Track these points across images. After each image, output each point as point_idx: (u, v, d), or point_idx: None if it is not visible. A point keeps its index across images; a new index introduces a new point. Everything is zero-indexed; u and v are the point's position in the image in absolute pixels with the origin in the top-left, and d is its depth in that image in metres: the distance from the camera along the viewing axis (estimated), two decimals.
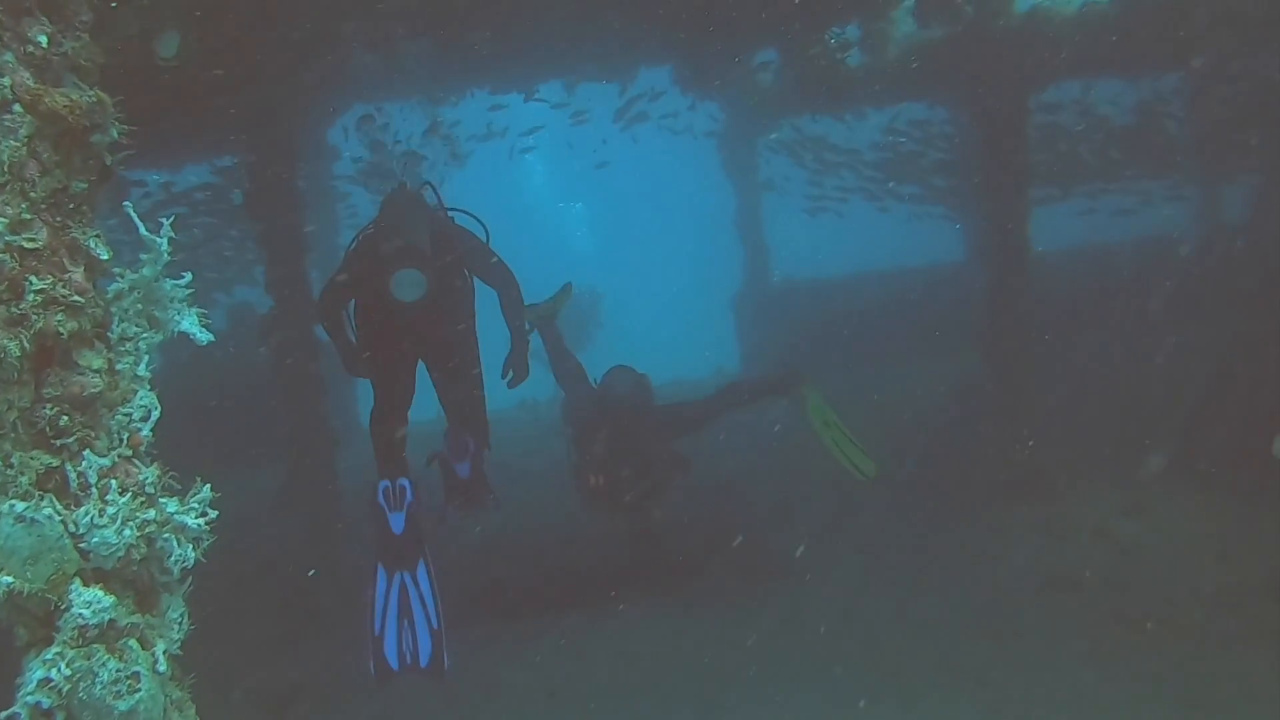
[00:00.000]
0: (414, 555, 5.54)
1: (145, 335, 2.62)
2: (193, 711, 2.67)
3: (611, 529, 7.84)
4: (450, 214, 5.95)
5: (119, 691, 2.35)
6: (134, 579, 2.51)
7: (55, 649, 2.34)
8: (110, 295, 2.56)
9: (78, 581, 2.38)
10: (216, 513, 2.62)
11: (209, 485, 2.63)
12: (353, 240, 5.87)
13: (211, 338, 2.70)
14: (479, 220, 5.95)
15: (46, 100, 2.33)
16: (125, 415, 2.53)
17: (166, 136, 6.98)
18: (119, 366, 2.56)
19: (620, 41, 8.28)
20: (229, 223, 12.21)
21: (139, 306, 2.60)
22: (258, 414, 8.18)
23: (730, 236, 14.16)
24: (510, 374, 5.84)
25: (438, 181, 6.09)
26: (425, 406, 6.19)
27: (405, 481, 5.59)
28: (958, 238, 12.65)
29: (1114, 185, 13.44)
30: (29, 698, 2.33)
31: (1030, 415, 8.60)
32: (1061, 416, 8.96)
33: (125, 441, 2.51)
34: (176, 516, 2.53)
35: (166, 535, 2.52)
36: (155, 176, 10.95)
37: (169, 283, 2.65)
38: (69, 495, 2.41)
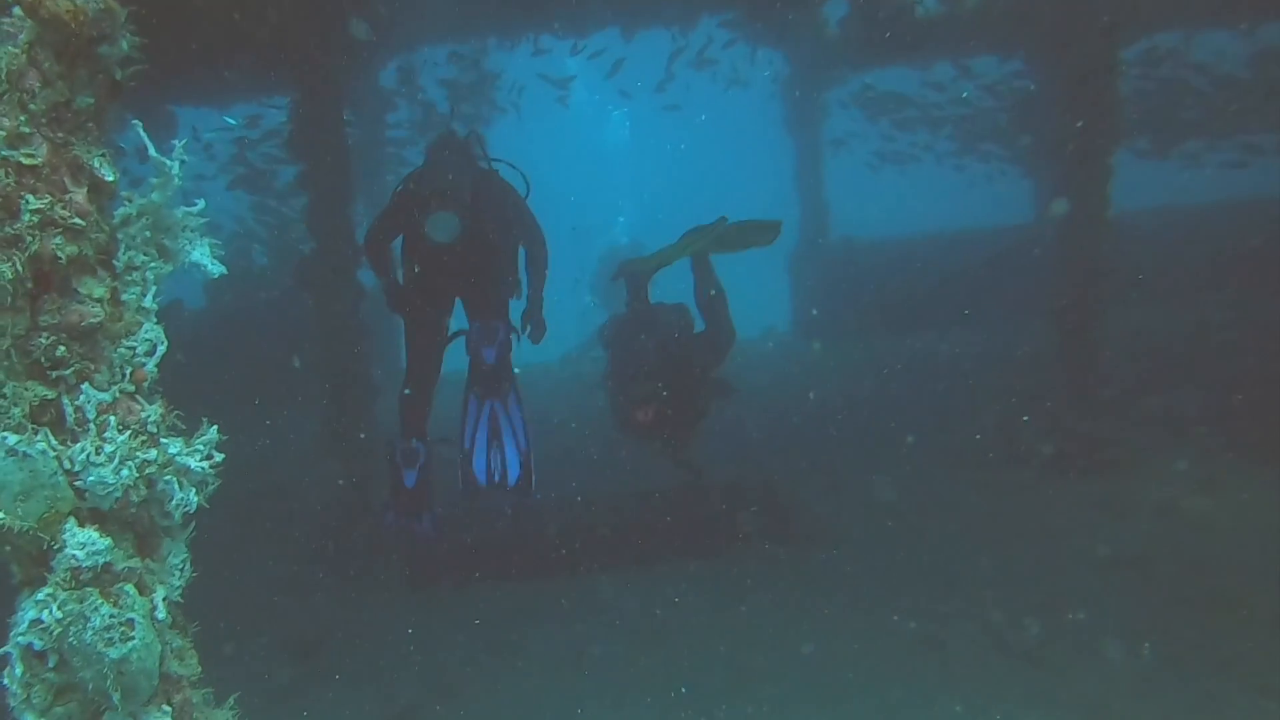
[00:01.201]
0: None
1: (154, 265, 2.46)
2: (195, 660, 2.56)
3: (649, 460, 7.73)
4: (495, 164, 6.17)
5: (111, 639, 2.23)
6: (134, 521, 2.38)
7: (47, 590, 2.23)
8: (117, 220, 2.40)
9: (72, 521, 2.26)
10: (223, 455, 2.48)
11: (216, 427, 2.49)
12: (400, 182, 6.12)
13: (224, 270, 2.54)
14: (521, 173, 6.17)
15: (48, 3, 2.15)
16: (129, 349, 2.39)
17: (214, 69, 6.88)
18: (124, 297, 2.41)
19: None
20: None
21: (147, 234, 2.44)
22: (297, 355, 8.09)
23: (788, 191, 13.76)
24: (529, 329, 6.12)
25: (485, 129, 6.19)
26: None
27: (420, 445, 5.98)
28: (1028, 198, 12.13)
29: (1221, 142, 12.66)
30: (20, 638, 2.23)
31: (1096, 385, 8.23)
32: (1130, 386, 8.58)
33: (128, 376, 2.37)
34: (179, 458, 2.39)
35: (168, 477, 2.38)
36: None
37: (181, 210, 2.49)
38: (65, 430, 2.27)
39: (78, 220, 2.22)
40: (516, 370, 6.27)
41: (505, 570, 7.13)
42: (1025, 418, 8.18)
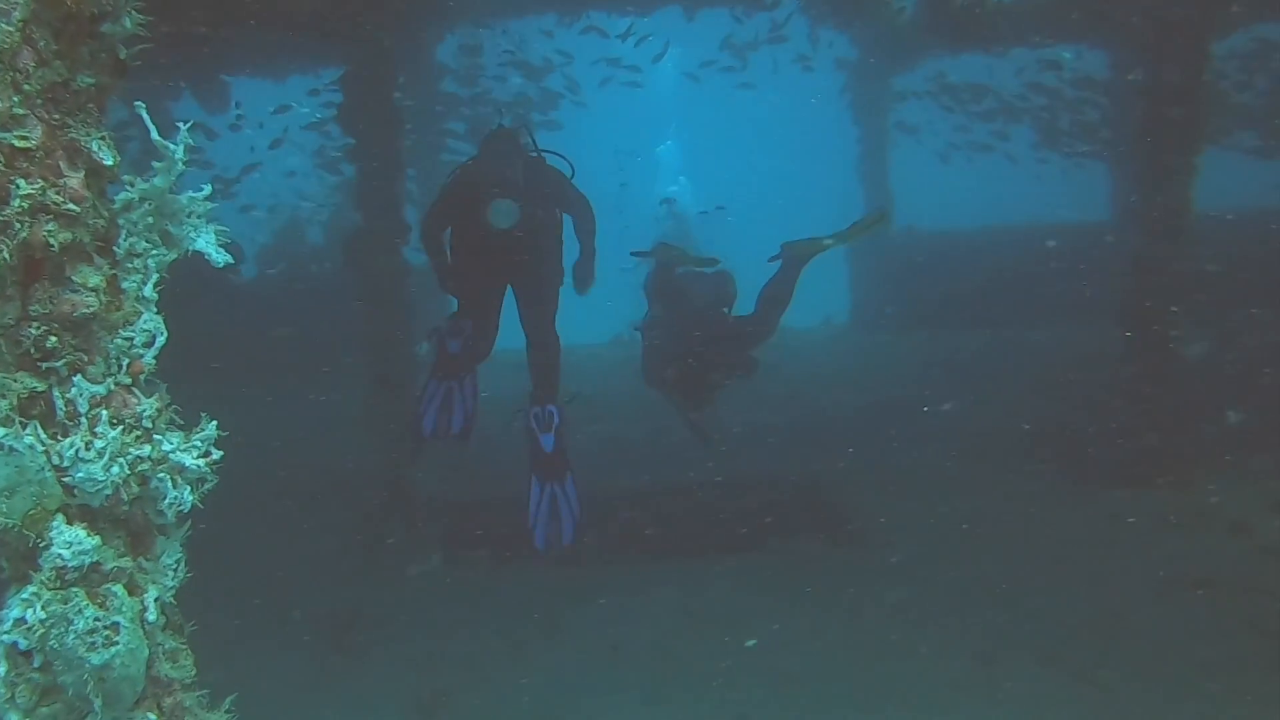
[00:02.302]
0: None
1: (156, 252, 2.37)
2: (190, 662, 2.47)
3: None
4: (543, 155, 6.58)
5: (93, 643, 2.15)
6: (126, 519, 2.30)
7: (32, 588, 2.16)
8: (118, 206, 2.30)
9: (60, 519, 2.18)
10: (221, 453, 2.38)
11: (215, 423, 2.39)
12: (451, 173, 6.63)
13: (230, 259, 2.43)
14: (566, 160, 6.60)
15: None
16: (126, 339, 2.29)
17: (266, 42, 6.83)
18: (124, 285, 2.32)
19: None
20: None
21: (150, 220, 2.35)
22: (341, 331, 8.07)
23: (850, 179, 13.39)
24: (578, 280, 6.65)
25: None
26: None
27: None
28: (1103, 194, 11.62)
29: None
30: (5, 636, 2.16)
31: (1168, 392, 7.83)
32: (1205, 396, 8.17)
33: (124, 368, 2.28)
34: (174, 455, 2.29)
35: (162, 475, 2.29)
36: None
37: (186, 195, 2.38)
38: (56, 424, 2.19)
39: (72, 206, 2.12)
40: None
41: (543, 555, 7.06)
42: (1089, 427, 7.81)
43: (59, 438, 2.17)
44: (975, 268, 11.64)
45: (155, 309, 2.35)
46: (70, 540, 2.16)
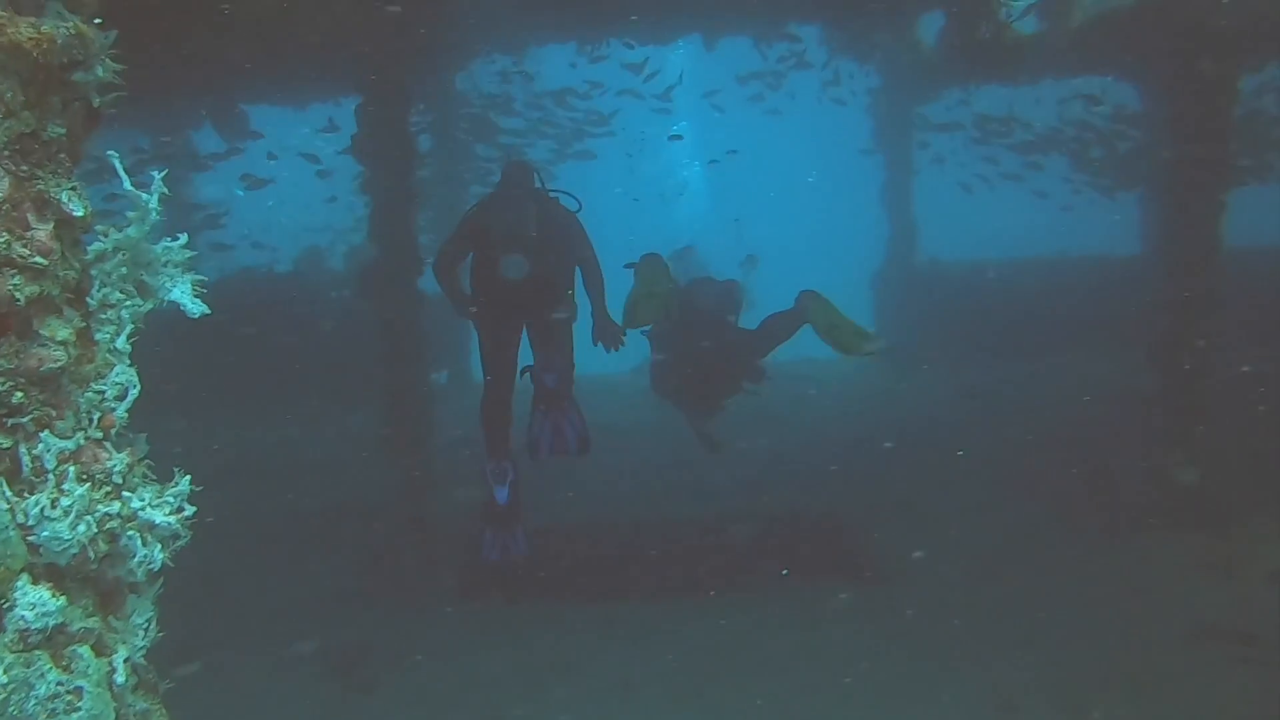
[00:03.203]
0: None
1: (130, 303, 2.31)
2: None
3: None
4: (554, 194, 6.79)
5: (55, 709, 2.07)
6: (94, 578, 2.23)
7: None
8: (91, 256, 2.25)
9: (25, 579, 2.11)
10: (194, 509, 2.31)
11: (189, 477, 2.32)
12: (469, 210, 6.79)
13: (205, 309, 2.37)
14: (574, 197, 6.82)
15: (9, 31, 2.00)
16: (98, 393, 2.24)
17: (283, 69, 6.86)
18: (97, 336, 2.26)
19: None
20: None
21: (124, 270, 2.29)
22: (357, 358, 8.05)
23: (875, 209, 13.27)
24: (602, 341, 6.70)
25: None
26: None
27: (508, 464, 6.74)
28: (1132, 227, 11.41)
29: None
30: None
31: (1204, 431, 7.62)
32: (1242, 436, 7.93)
33: (95, 423, 2.22)
34: (143, 512, 2.22)
35: (131, 532, 2.22)
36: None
37: (162, 244, 2.33)
38: (22, 481, 2.12)
39: (39, 259, 2.07)
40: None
41: (559, 590, 6.98)
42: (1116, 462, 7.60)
43: (25, 495, 2.11)
44: (1001, 300, 11.45)
45: (129, 361, 2.29)
46: (34, 601, 2.09)
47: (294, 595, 7.07)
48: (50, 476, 2.14)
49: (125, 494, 2.21)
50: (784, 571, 7.00)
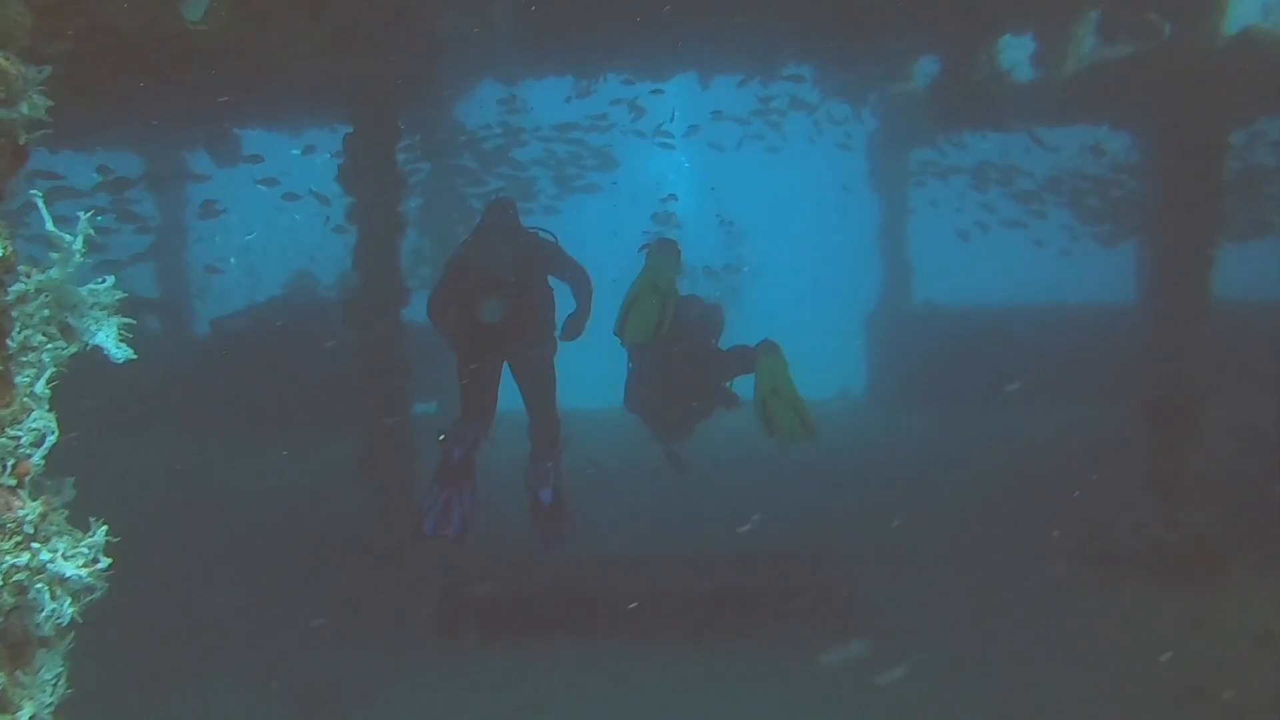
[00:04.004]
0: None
1: (51, 346, 2.23)
2: None
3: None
4: (532, 230, 7.04)
5: None
6: (2, 631, 2.14)
7: None
8: (11, 298, 2.18)
9: None
10: (109, 560, 2.22)
11: (105, 527, 2.23)
12: (456, 251, 7.04)
13: (131, 354, 2.30)
14: (552, 235, 7.04)
15: None
16: (13, 439, 2.16)
17: (275, 97, 6.85)
18: (16, 380, 2.19)
19: (763, 34, 7.64)
20: None
21: (46, 313, 2.22)
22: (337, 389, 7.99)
23: (869, 252, 13.26)
24: (568, 332, 6.92)
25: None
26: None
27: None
28: (1128, 276, 11.37)
29: None
30: None
31: (1190, 485, 7.51)
32: (1230, 492, 7.82)
33: (9, 470, 2.14)
34: (52, 565, 2.13)
35: (39, 585, 2.13)
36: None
37: (88, 287, 2.26)
38: None
39: None
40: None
41: (532, 630, 6.86)
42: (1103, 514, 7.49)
43: None
44: (995, 345, 11.39)
45: (48, 406, 2.22)
46: None
47: (266, 628, 6.94)
48: None
49: (35, 545, 2.13)
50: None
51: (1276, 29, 6.66)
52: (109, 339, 2.25)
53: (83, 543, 2.21)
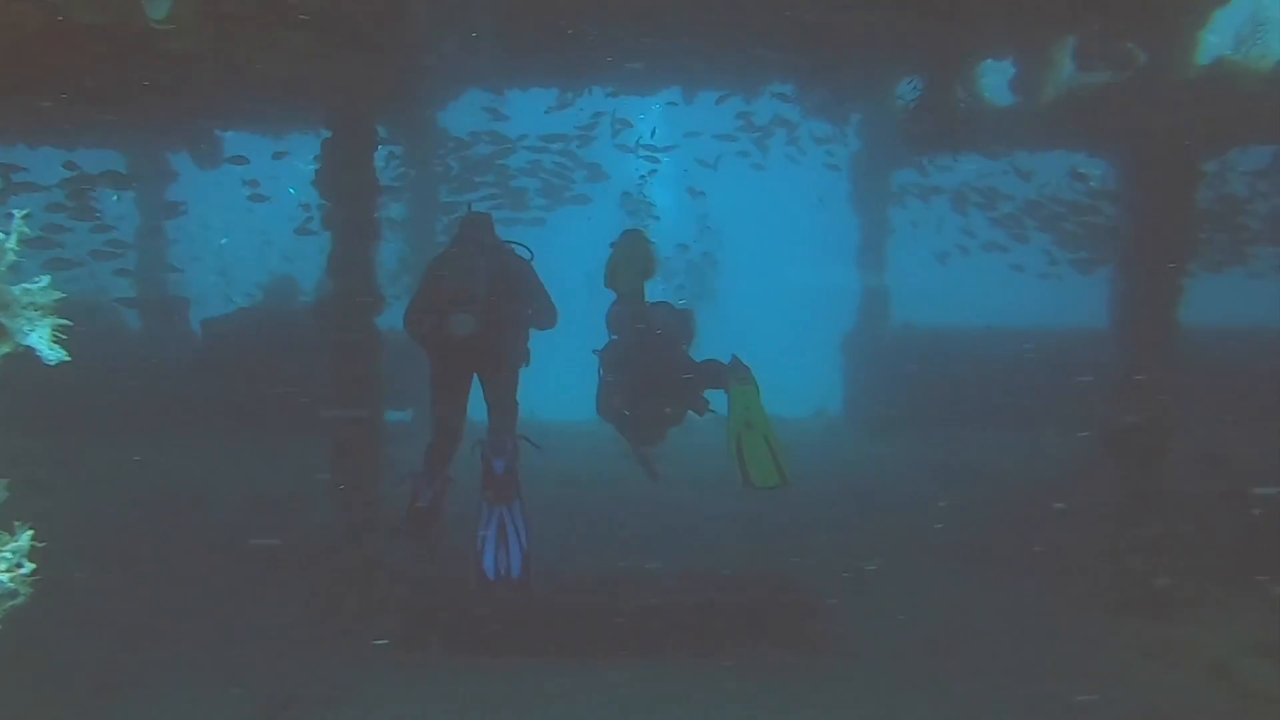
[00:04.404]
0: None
1: None
2: None
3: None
4: (507, 244, 7.28)
5: None
6: None
7: None
8: None
9: None
10: (33, 565, 2.19)
11: (30, 532, 2.20)
12: (435, 259, 7.25)
13: (64, 355, 2.26)
14: (530, 251, 7.32)
15: None
16: None
17: (255, 98, 6.83)
18: None
19: (742, 52, 7.69)
20: None
21: None
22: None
23: (847, 272, 13.30)
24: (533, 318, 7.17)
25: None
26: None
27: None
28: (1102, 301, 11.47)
29: None
30: None
31: (1152, 513, 7.53)
32: (1190, 521, 7.85)
33: None
34: None
35: None
36: None
37: (21, 286, 2.23)
38: None
39: None
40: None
41: (496, 645, 6.80)
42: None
43: None
44: (971, 368, 11.43)
45: None
46: None
47: (226, 635, 6.86)
48: None
49: None
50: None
51: (1247, 60, 6.76)
52: (42, 340, 2.22)
53: (6, 547, 2.17)
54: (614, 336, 7.67)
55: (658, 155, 14.40)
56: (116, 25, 4.01)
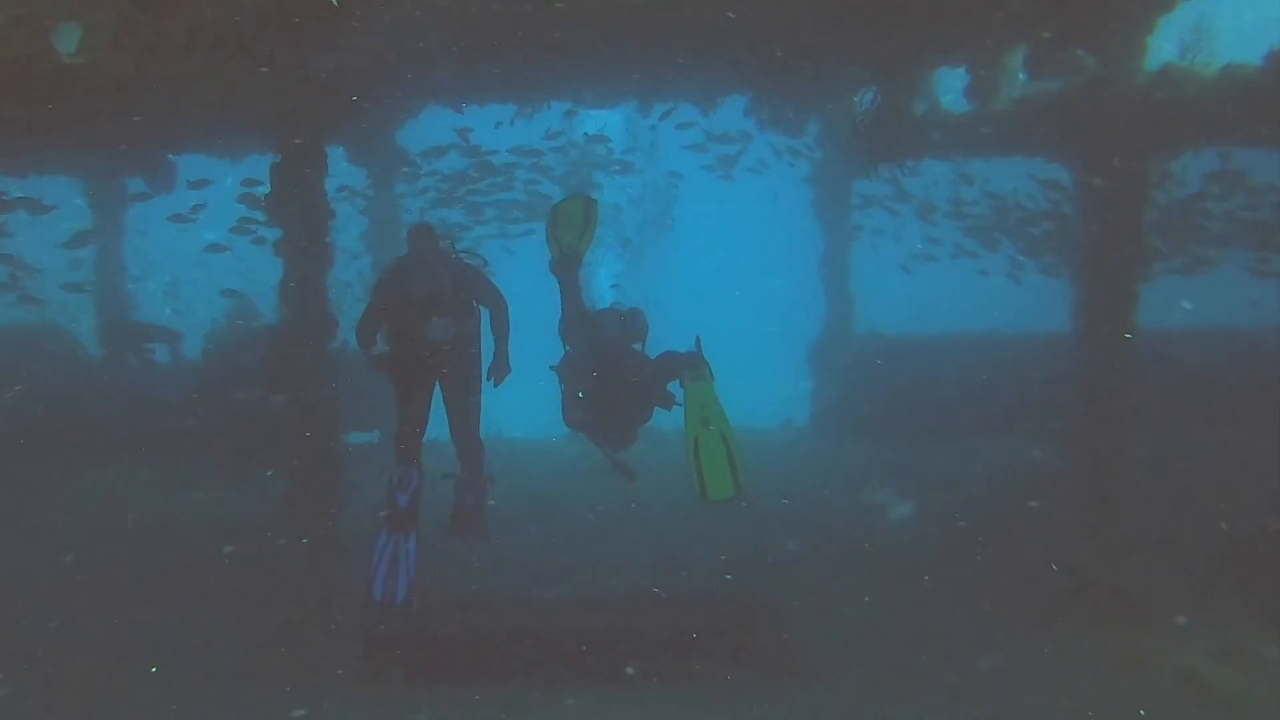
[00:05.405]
0: (410, 524, 7.14)
1: None
2: None
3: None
4: (461, 255, 7.38)
5: None
6: None
7: None
8: None
9: None
10: None
11: None
12: (384, 274, 7.37)
13: None
14: (482, 257, 7.51)
15: None
16: None
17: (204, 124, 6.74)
18: None
19: (693, 67, 7.68)
20: None
21: None
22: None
23: (812, 282, 13.32)
24: (494, 375, 7.26)
25: None
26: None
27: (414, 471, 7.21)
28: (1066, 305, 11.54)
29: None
30: None
31: (1116, 520, 7.54)
32: (1154, 526, 7.85)
33: None
34: None
35: None
36: None
37: None
38: None
39: None
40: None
41: (460, 672, 6.68)
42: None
43: None
44: (938, 375, 11.45)
45: None
46: None
47: (181, 670, 6.71)
48: None
49: None
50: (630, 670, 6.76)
51: (1192, 67, 6.82)
52: None
53: None
54: (568, 348, 7.64)
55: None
56: (30, 59, 3.92)
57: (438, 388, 7.42)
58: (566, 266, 7.52)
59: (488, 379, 7.23)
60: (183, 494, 9.74)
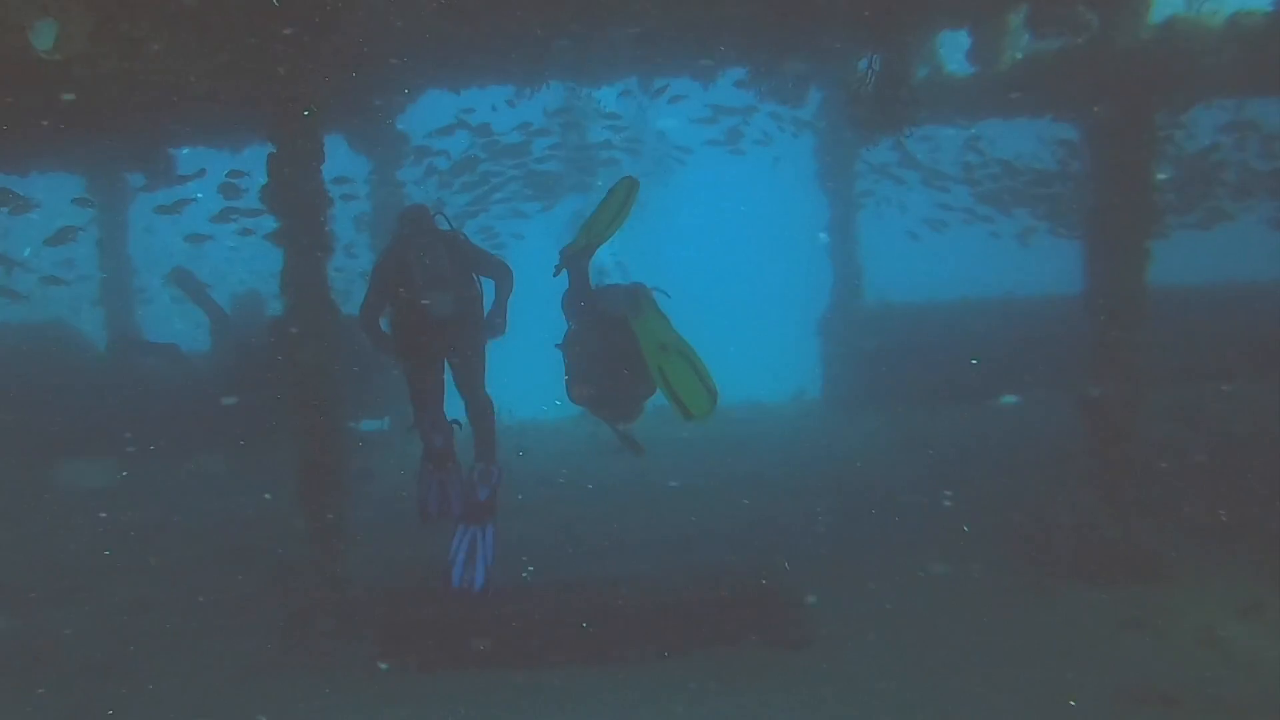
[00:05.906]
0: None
1: None
2: None
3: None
4: (456, 230, 7.39)
5: None
6: None
7: None
8: None
9: None
10: None
11: None
12: (382, 256, 7.30)
13: None
14: (465, 236, 7.43)
15: None
16: None
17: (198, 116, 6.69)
18: None
19: (692, 39, 7.57)
20: None
21: None
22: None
23: (820, 252, 13.19)
24: (492, 328, 7.21)
25: None
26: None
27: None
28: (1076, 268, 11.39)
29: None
30: None
31: (1132, 479, 7.46)
32: (1171, 485, 7.76)
33: None
34: None
35: None
36: None
37: None
38: None
39: None
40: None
41: (476, 655, 6.70)
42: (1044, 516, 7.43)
43: None
44: (949, 343, 11.34)
45: None
46: None
47: (198, 662, 6.76)
48: None
49: None
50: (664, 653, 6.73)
51: (1198, 18, 6.66)
52: None
53: None
54: (570, 324, 7.54)
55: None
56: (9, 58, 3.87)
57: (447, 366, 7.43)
58: (582, 256, 7.38)
59: (487, 327, 7.24)
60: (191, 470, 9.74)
